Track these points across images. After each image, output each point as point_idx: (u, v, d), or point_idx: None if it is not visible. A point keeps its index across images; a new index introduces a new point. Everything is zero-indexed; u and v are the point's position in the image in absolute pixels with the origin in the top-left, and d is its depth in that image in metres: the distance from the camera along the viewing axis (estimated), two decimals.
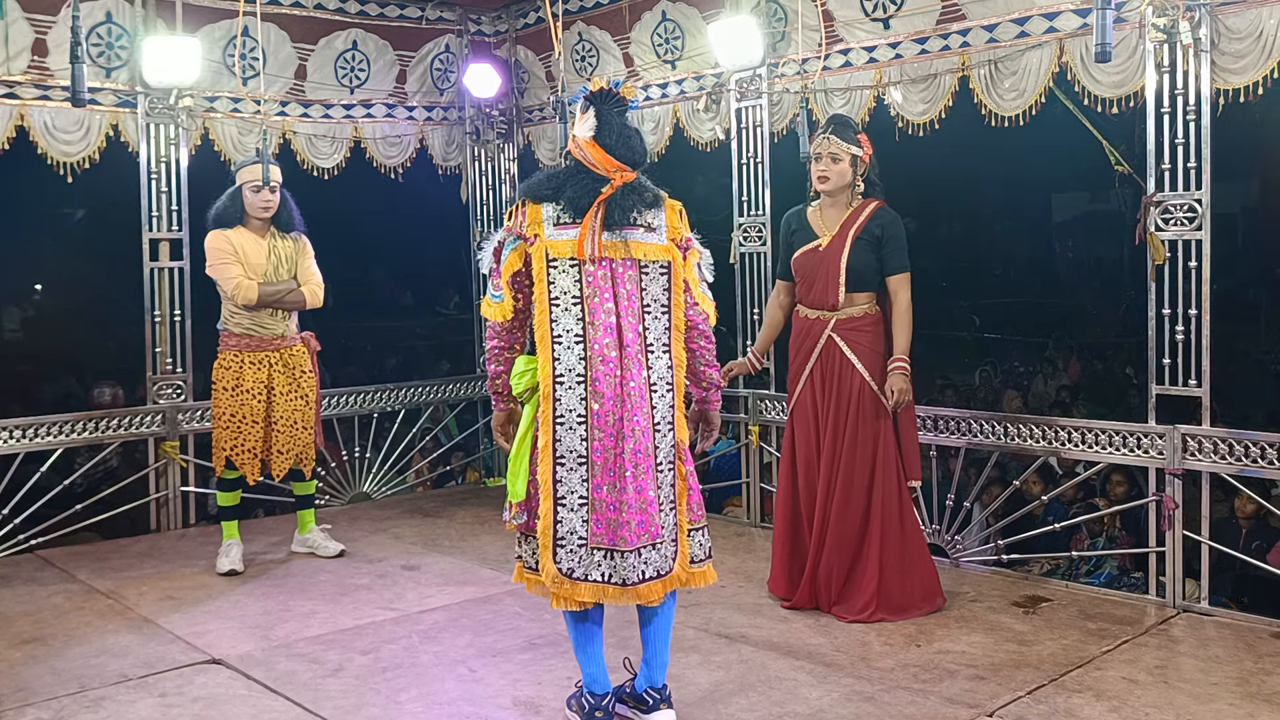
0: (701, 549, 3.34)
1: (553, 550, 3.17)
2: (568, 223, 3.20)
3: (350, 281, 11.45)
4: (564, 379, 3.16)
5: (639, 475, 3.17)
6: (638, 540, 3.16)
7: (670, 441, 3.26)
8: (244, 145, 6.23)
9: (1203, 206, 4.44)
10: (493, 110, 7.32)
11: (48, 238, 10.06)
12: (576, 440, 3.16)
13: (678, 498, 3.27)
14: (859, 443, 4.43)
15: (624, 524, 3.15)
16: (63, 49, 5.60)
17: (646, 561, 3.19)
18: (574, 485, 3.17)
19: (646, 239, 3.25)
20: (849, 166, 4.44)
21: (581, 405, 3.16)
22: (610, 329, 3.17)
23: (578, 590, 3.18)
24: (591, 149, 3.24)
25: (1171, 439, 4.52)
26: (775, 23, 5.74)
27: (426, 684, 3.82)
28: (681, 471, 3.29)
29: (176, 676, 3.93)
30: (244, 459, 5.21)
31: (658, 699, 3.34)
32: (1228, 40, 4.36)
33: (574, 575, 3.17)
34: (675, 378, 3.28)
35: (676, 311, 3.28)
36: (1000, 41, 4.98)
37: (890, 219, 4.48)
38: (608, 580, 3.17)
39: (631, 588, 3.17)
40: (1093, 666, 3.88)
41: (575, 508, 3.17)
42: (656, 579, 3.21)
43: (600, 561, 3.17)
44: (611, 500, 3.16)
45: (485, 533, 6.01)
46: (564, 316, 3.17)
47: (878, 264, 4.46)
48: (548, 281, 3.17)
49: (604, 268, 3.19)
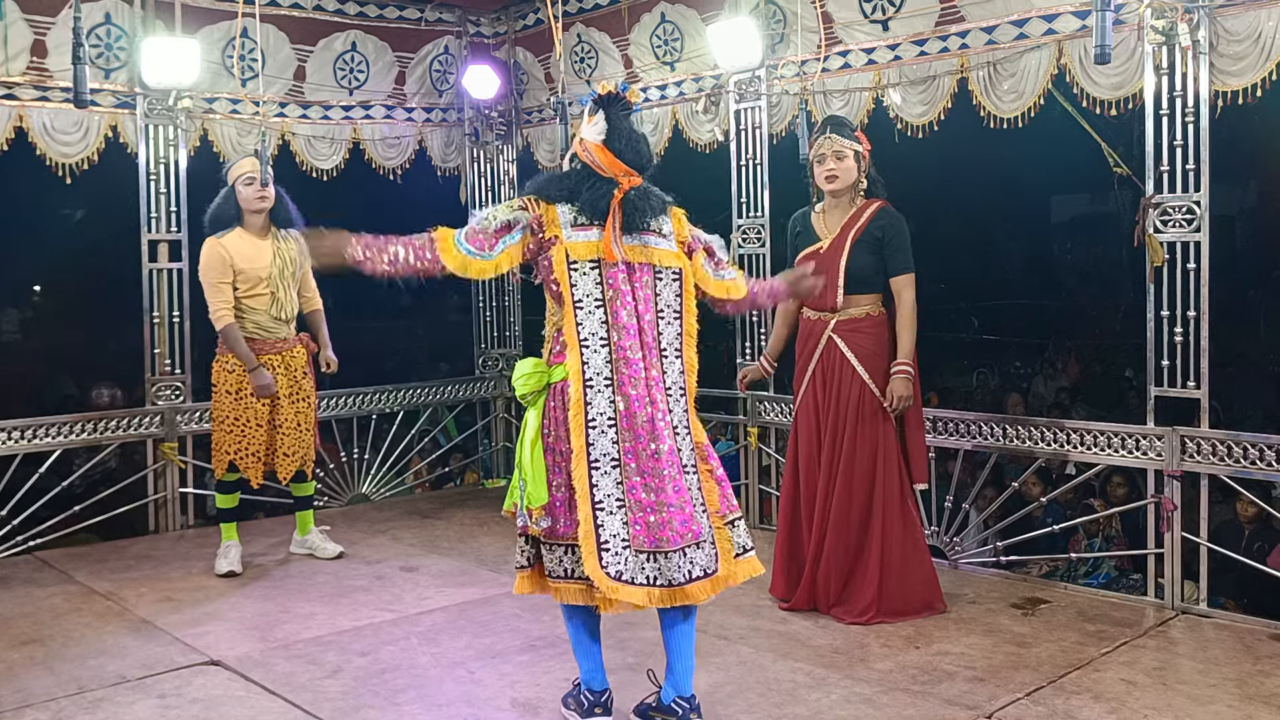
0: (744, 539, 3.30)
1: (598, 555, 3.11)
2: (585, 224, 3.18)
3: (348, 282, 11.42)
4: (593, 382, 3.15)
5: (675, 475, 3.16)
6: (681, 540, 3.14)
7: (690, 444, 3.26)
8: (243, 146, 6.21)
9: (1201, 208, 4.44)
10: (492, 111, 7.33)
11: (46, 239, 10.04)
12: (608, 443, 3.14)
13: (707, 496, 3.26)
14: (858, 445, 4.43)
15: (665, 524, 3.13)
16: (61, 50, 5.61)
17: (693, 561, 3.16)
18: (609, 489, 3.14)
19: (660, 244, 3.27)
20: (854, 163, 4.45)
21: (611, 408, 3.15)
22: (632, 331, 3.17)
23: (626, 593, 3.12)
24: (600, 153, 3.23)
25: (1170, 441, 4.52)
26: (774, 24, 5.75)
27: (425, 685, 3.82)
28: (708, 469, 3.29)
29: (175, 678, 3.93)
30: (248, 462, 5.21)
31: (687, 708, 3.29)
32: (1226, 42, 4.36)
33: (622, 578, 3.11)
34: (688, 382, 3.28)
35: (688, 317, 3.29)
36: (999, 43, 4.98)
37: (892, 220, 4.46)
38: (653, 583, 3.14)
39: (680, 588, 3.14)
40: (1091, 668, 3.88)
41: (614, 510, 3.13)
42: (704, 578, 3.18)
43: (645, 564, 3.14)
44: (649, 502, 3.13)
45: (484, 534, 6.01)
46: (589, 320, 3.16)
47: (879, 265, 4.45)
48: (570, 284, 3.15)
49: (623, 271, 3.19)
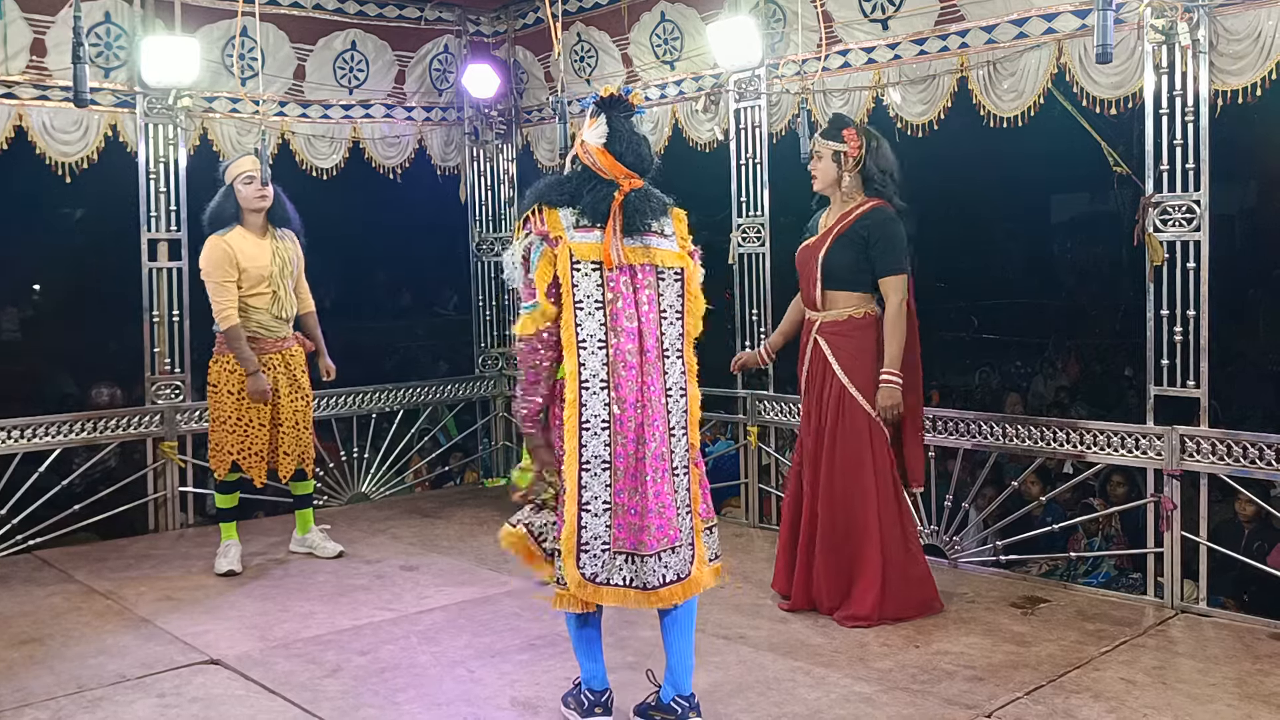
0: (716, 546, 3.38)
1: (576, 555, 3.16)
2: (587, 225, 3.18)
3: (349, 281, 11.47)
4: (589, 384, 3.15)
5: (657, 480, 3.18)
6: (658, 544, 3.17)
7: (685, 445, 3.27)
8: (243, 145, 6.19)
9: (1201, 207, 4.44)
10: (491, 111, 7.32)
11: (46, 238, 10.04)
12: (601, 445, 3.16)
13: (693, 500, 3.28)
14: (839, 448, 4.38)
15: (644, 528, 3.15)
16: (61, 49, 5.61)
17: (667, 565, 3.20)
18: (598, 491, 3.16)
19: (663, 245, 3.27)
20: (831, 163, 4.43)
21: (605, 410, 3.15)
22: (632, 334, 3.18)
23: (600, 594, 3.18)
24: (602, 156, 3.23)
25: (1170, 440, 4.52)
26: (774, 23, 5.74)
27: (424, 684, 3.82)
28: (696, 475, 3.30)
29: (175, 677, 3.93)
30: (252, 462, 5.20)
31: (686, 707, 3.31)
32: (1226, 41, 4.36)
33: (597, 580, 3.17)
34: (689, 383, 3.29)
35: (689, 318, 3.30)
36: (999, 42, 4.98)
37: (882, 219, 4.37)
38: (629, 584, 3.18)
39: (653, 591, 3.18)
40: (1091, 667, 3.88)
41: (599, 513, 3.16)
42: (676, 582, 3.22)
43: (622, 565, 3.17)
44: (633, 504, 3.16)
45: (484, 533, 6.00)
46: (588, 321, 3.16)
47: (861, 264, 4.36)
48: (572, 284, 3.15)
49: (625, 273, 3.19)
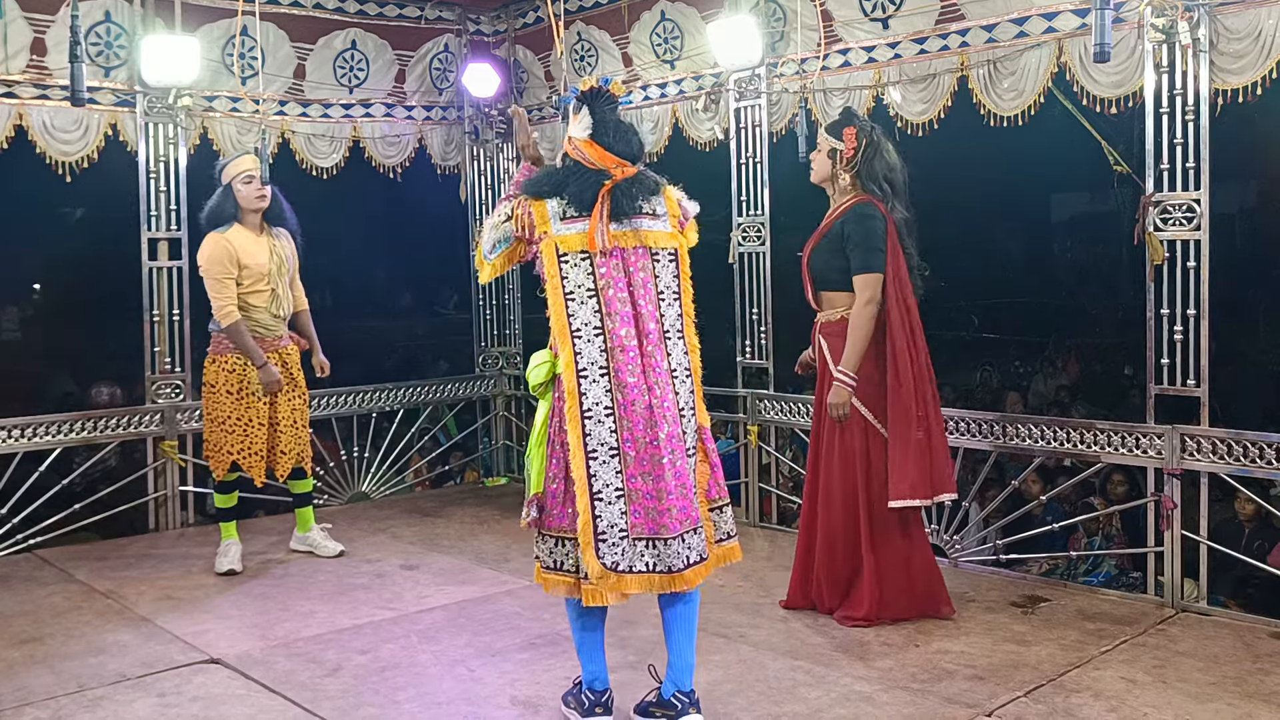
0: (728, 525, 3.38)
1: (595, 546, 3.13)
2: (574, 216, 3.20)
3: (349, 281, 11.44)
4: (587, 372, 3.16)
5: (676, 461, 3.17)
6: (680, 526, 3.16)
7: (694, 427, 3.28)
8: (243, 145, 6.19)
9: (1201, 206, 4.44)
10: (492, 110, 7.32)
11: (46, 237, 10.02)
12: (606, 433, 3.15)
13: (699, 479, 3.28)
14: (836, 448, 4.36)
15: (665, 511, 3.14)
16: (61, 48, 5.61)
17: (690, 546, 3.19)
18: (609, 479, 3.15)
19: (654, 226, 3.27)
20: (826, 159, 4.42)
21: (608, 397, 3.16)
22: (628, 319, 3.18)
23: (624, 583, 3.15)
24: (589, 148, 3.25)
25: (1170, 439, 4.52)
26: (774, 22, 5.74)
27: (425, 683, 3.82)
28: (705, 452, 3.31)
29: (175, 676, 3.93)
30: (252, 461, 5.20)
31: (686, 703, 3.30)
32: (1226, 40, 4.36)
33: (619, 568, 3.14)
34: (692, 362, 3.30)
35: (686, 298, 3.30)
36: (999, 41, 4.98)
37: (858, 216, 4.26)
38: (653, 569, 3.17)
39: (678, 574, 3.17)
40: (1091, 666, 3.88)
41: (612, 500, 3.15)
42: (700, 563, 3.22)
43: (644, 551, 3.16)
44: (649, 489, 3.15)
45: (484, 532, 6.01)
46: (581, 310, 3.17)
47: (842, 263, 4.28)
48: (561, 276, 3.17)
49: (616, 258, 3.20)
